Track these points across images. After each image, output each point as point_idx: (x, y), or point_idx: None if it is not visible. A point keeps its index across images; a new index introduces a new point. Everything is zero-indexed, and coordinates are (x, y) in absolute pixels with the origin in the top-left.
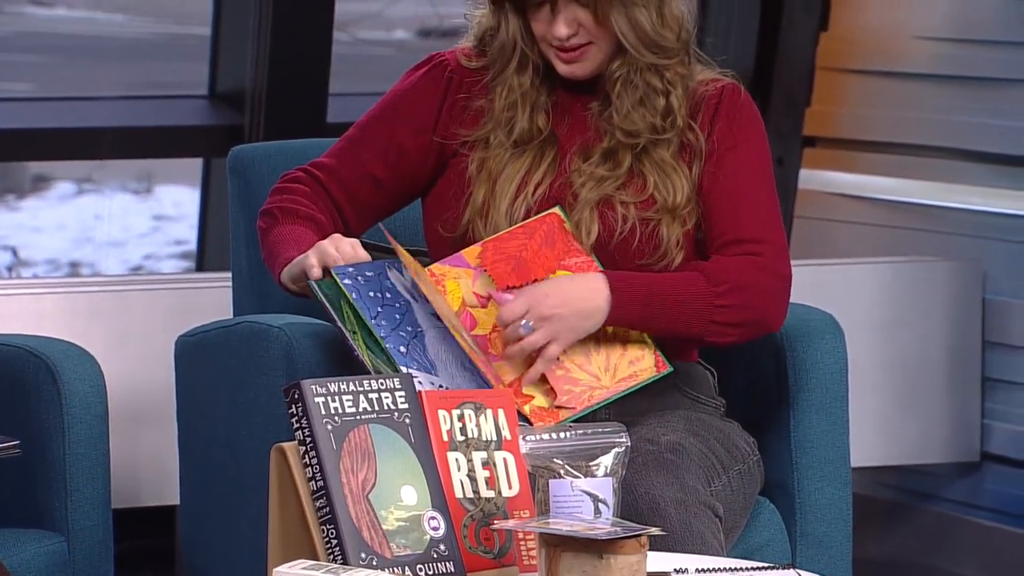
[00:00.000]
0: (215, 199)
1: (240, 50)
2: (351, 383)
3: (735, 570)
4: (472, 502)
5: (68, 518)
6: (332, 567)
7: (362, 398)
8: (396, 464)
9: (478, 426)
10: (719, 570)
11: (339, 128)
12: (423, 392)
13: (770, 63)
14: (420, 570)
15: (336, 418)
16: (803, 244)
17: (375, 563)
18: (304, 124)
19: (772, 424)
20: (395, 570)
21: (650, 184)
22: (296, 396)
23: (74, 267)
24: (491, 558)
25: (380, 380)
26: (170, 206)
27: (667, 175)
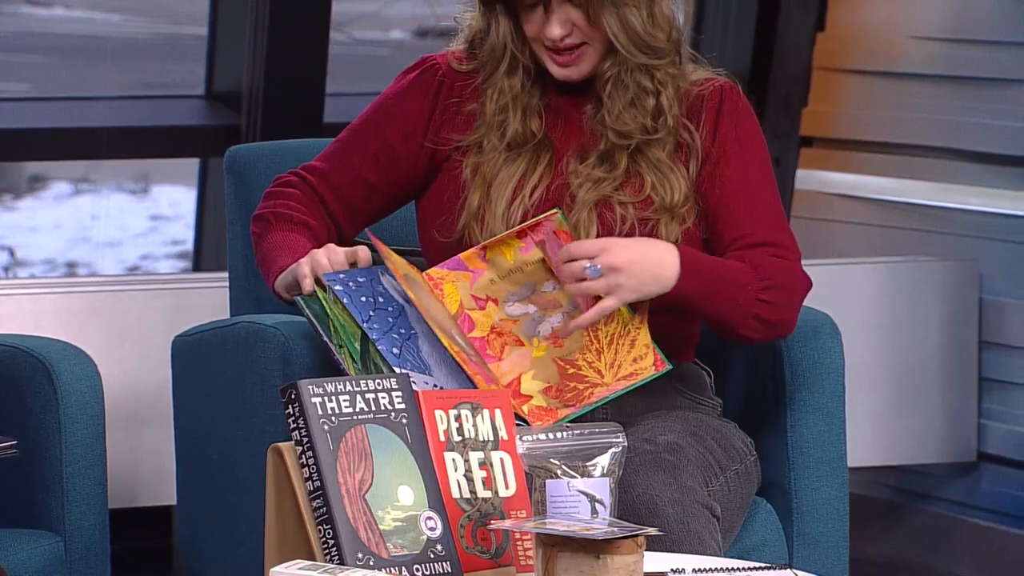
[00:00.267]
0: (212, 199)
1: (237, 50)
2: (348, 383)
3: (732, 570)
4: (469, 502)
5: (65, 518)
6: (329, 567)
7: (359, 398)
8: (393, 464)
9: (475, 426)
10: (716, 570)
11: (336, 128)
12: (420, 392)
13: (767, 63)
14: (417, 570)
15: (333, 418)
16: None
17: (372, 563)
18: (301, 124)
19: (769, 424)
20: (392, 570)
21: (647, 184)
22: (293, 396)
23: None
24: (488, 558)
25: (377, 380)
26: (167, 206)
27: (664, 175)
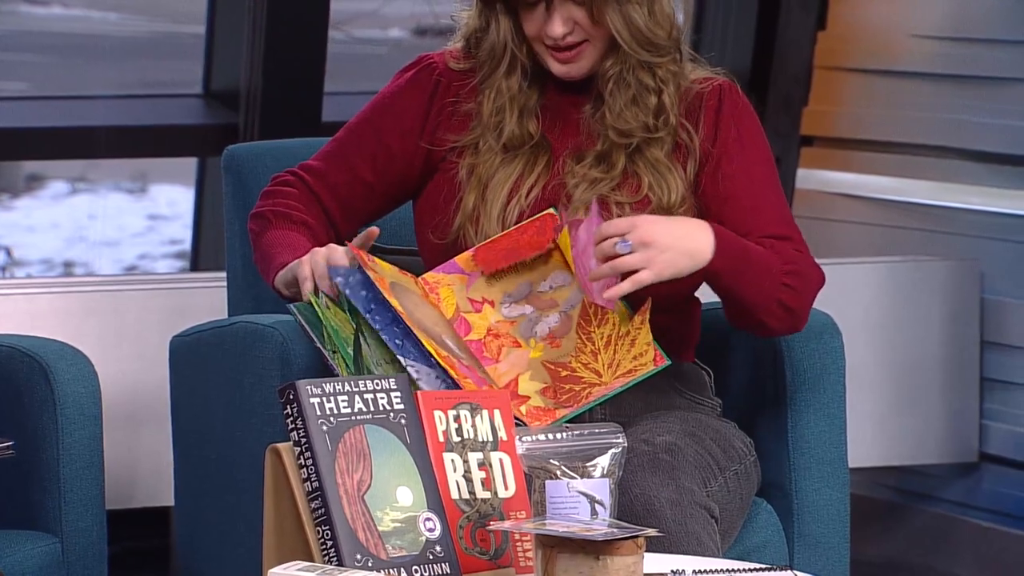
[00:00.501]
0: (210, 198)
1: (235, 49)
2: (346, 383)
3: (732, 571)
4: (468, 503)
5: (62, 519)
6: (327, 568)
7: (357, 399)
8: (392, 465)
9: (474, 427)
10: (716, 571)
11: (334, 127)
12: (419, 393)
13: (767, 62)
14: (416, 571)
15: (331, 419)
16: None
17: (370, 564)
18: (299, 123)
19: (769, 424)
20: (390, 571)
21: (645, 184)
22: (291, 397)
23: (68, 267)
24: (487, 559)
25: (375, 381)
26: (164, 205)
27: (661, 175)
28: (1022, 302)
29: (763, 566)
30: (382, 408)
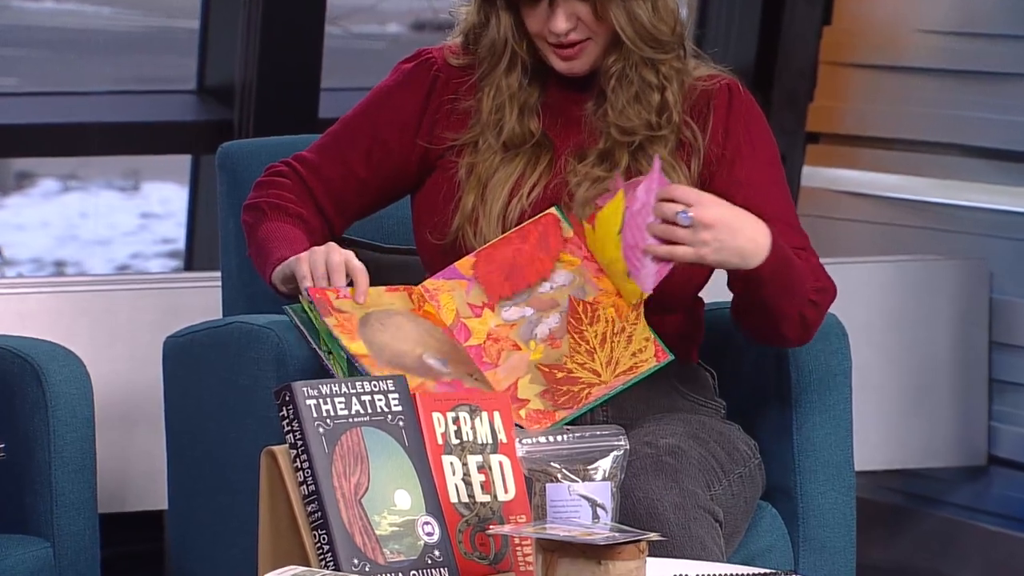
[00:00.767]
0: (204, 197)
1: (229, 44)
2: (343, 385)
3: None
4: (467, 507)
5: (54, 523)
6: (324, 573)
7: (354, 400)
8: (389, 468)
9: (473, 429)
10: None
11: (331, 124)
12: (417, 395)
13: (772, 57)
14: None
15: (328, 421)
16: None
17: (368, 569)
18: (295, 120)
19: (774, 427)
20: None
21: None
22: (287, 398)
23: (59, 266)
24: (487, 564)
25: (373, 382)
26: (157, 204)
27: (665, 174)
28: None
29: (768, 571)
30: (380, 410)
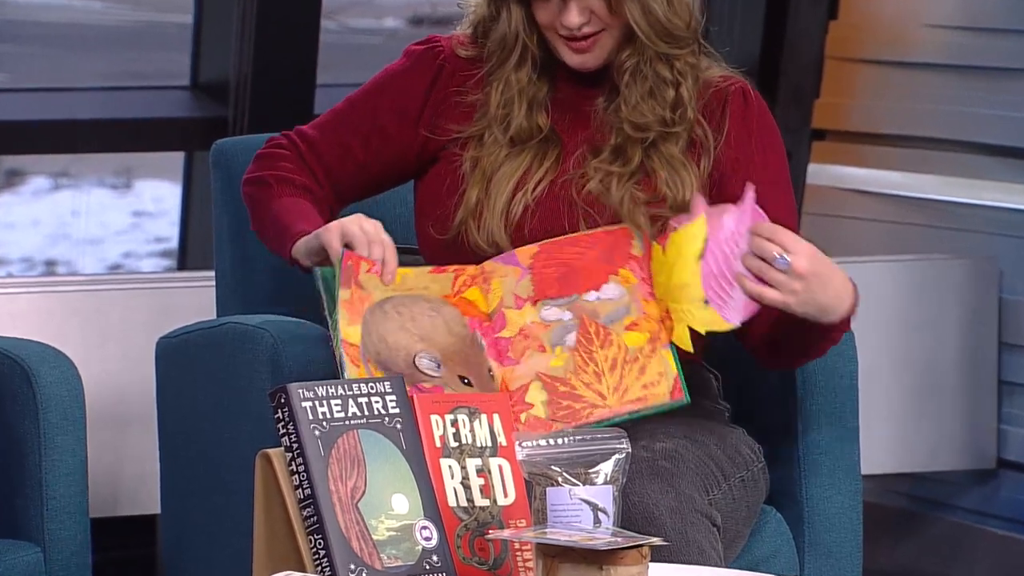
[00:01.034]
0: (197, 194)
1: (223, 39)
2: (340, 387)
3: None
4: (466, 511)
5: (44, 528)
6: None
7: (351, 402)
8: (387, 471)
9: (472, 432)
10: None
11: None
12: (415, 397)
13: (777, 53)
14: None
15: (324, 423)
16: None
17: (365, 574)
18: (290, 116)
19: (779, 429)
20: None
21: (661, 181)
22: (282, 400)
23: (50, 266)
24: (486, 569)
25: (370, 384)
26: (150, 202)
27: (676, 171)
28: None
29: None
30: (377, 412)
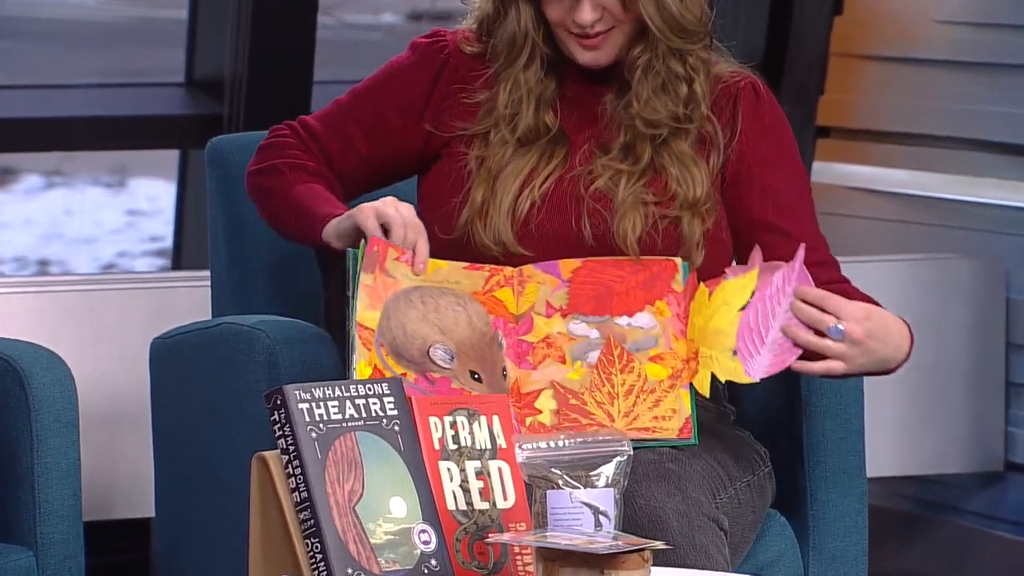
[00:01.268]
0: (192, 193)
1: (219, 35)
2: (337, 388)
3: None
4: (465, 514)
5: (37, 531)
6: None
7: (348, 404)
8: (384, 474)
9: (471, 434)
10: None
11: None
12: (413, 398)
13: (781, 48)
14: None
15: (321, 425)
16: None
17: None
18: (287, 113)
19: (783, 431)
20: None
21: (671, 179)
22: (278, 402)
23: (43, 265)
24: (485, 574)
25: (368, 385)
26: (144, 200)
27: (687, 168)
28: None
29: None
30: (374, 414)
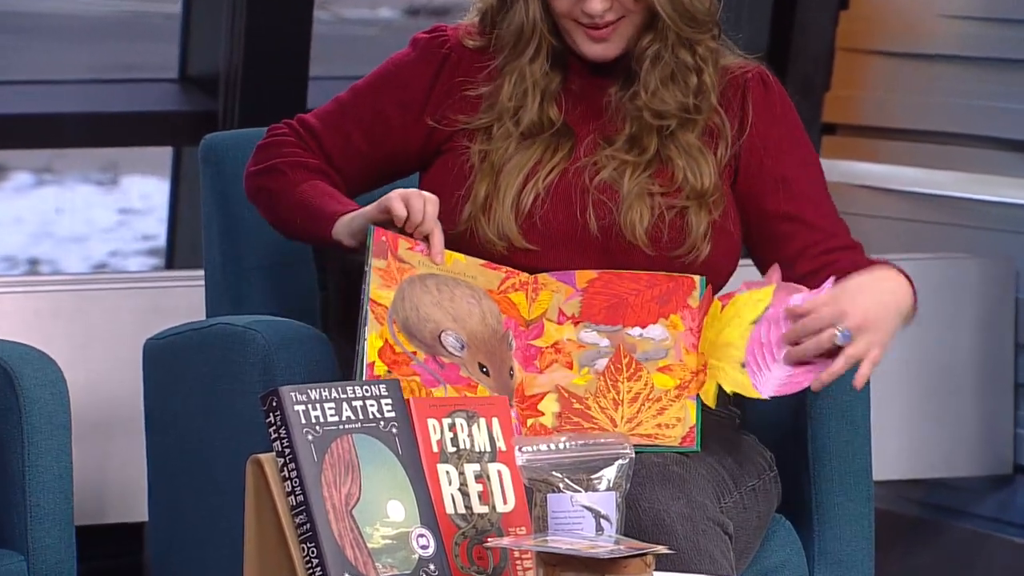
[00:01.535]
0: (186, 191)
1: (213, 30)
2: (333, 390)
3: None
4: (464, 518)
5: (28, 536)
6: None
7: (345, 406)
8: (382, 477)
9: (470, 436)
10: None
11: None
12: (411, 400)
13: (786, 43)
14: None
15: (317, 427)
16: None
17: None
18: (282, 110)
19: (788, 434)
20: None
21: (678, 170)
22: (274, 404)
23: (33, 265)
24: None
25: (365, 387)
26: (137, 198)
27: (694, 159)
28: None
29: None
30: (372, 416)
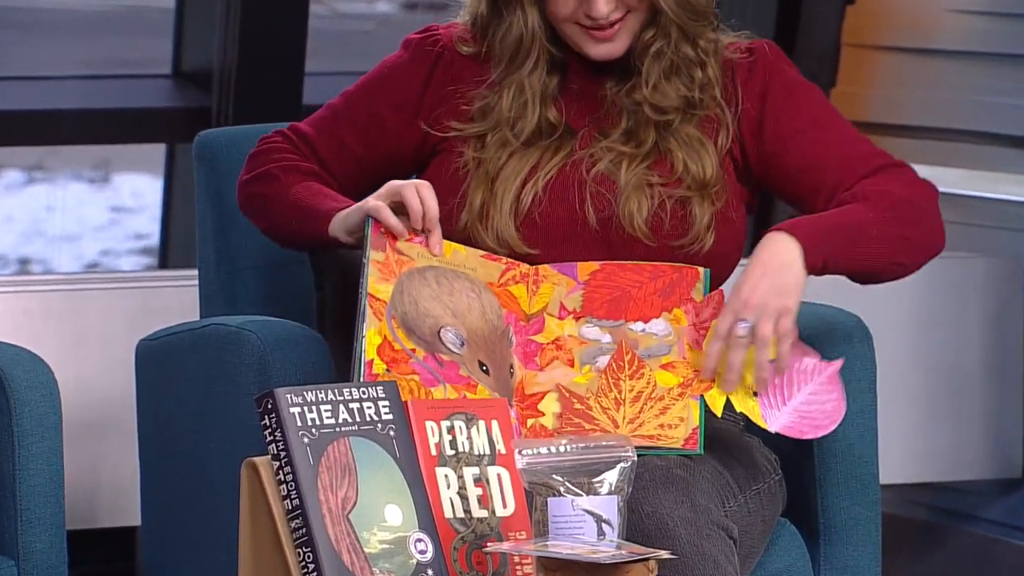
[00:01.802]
0: (179, 189)
1: (207, 24)
2: (330, 392)
3: None
4: (463, 523)
5: (19, 541)
6: None
7: (342, 408)
8: (379, 481)
9: (469, 439)
10: None
11: (315, 110)
12: (409, 402)
13: (791, 38)
14: None
15: (313, 430)
16: None
17: None
18: (277, 106)
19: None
20: None
21: (678, 161)
22: (269, 406)
23: (23, 264)
24: None
25: (362, 389)
26: (130, 197)
27: (695, 150)
28: None
29: None
30: (369, 419)
